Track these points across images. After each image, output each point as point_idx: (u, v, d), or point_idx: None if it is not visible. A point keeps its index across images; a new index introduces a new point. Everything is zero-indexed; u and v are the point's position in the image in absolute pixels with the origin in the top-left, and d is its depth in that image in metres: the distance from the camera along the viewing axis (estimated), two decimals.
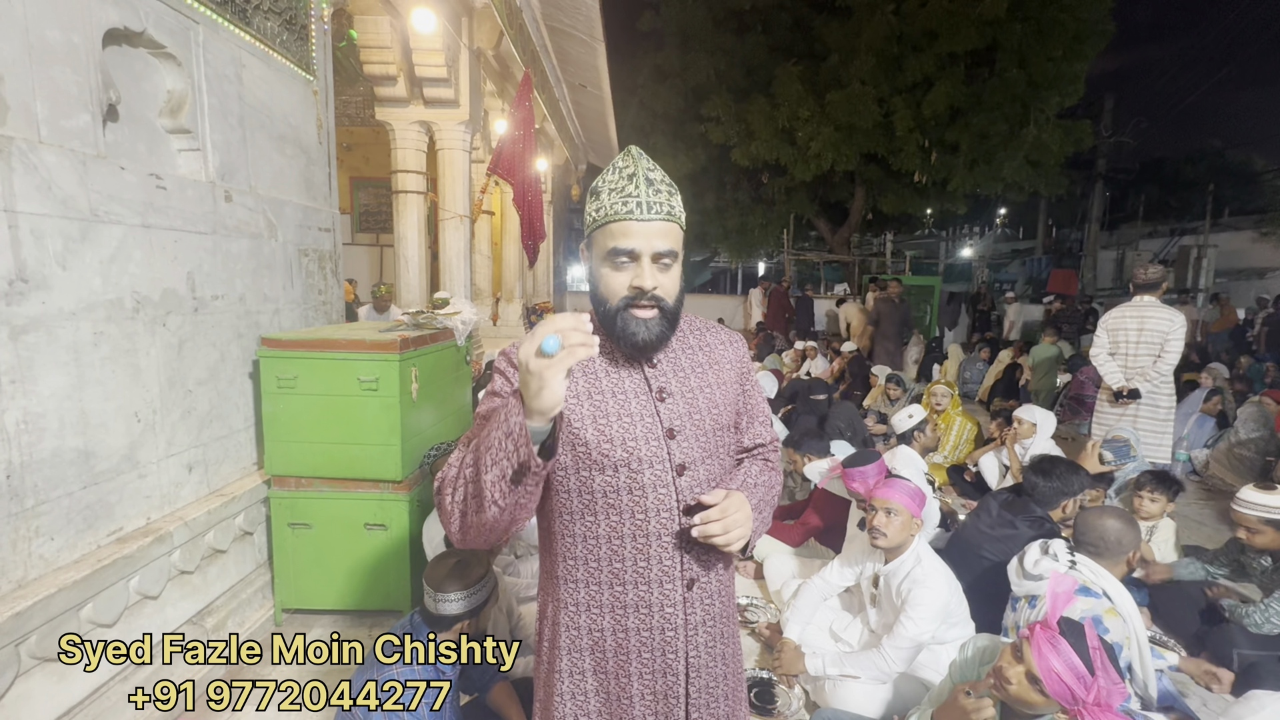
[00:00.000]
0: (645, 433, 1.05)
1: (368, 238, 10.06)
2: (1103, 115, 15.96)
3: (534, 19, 6.60)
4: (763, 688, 2.27)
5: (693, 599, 1.10)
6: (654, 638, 1.09)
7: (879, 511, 2.11)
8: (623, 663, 1.10)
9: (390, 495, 2.56)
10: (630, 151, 1.05)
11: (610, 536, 1.07)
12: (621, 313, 1.03)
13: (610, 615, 1.09)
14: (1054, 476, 2.57)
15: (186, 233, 2.24)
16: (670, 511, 1.06)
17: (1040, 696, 1.34)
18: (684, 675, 1.11)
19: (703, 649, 1.12)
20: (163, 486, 2.20)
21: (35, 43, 1.69)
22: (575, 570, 1.10)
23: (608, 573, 1.08)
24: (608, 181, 1.03)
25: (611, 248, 1.01)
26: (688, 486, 1.07)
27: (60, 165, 1.76)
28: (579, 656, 1.12)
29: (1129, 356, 3.92)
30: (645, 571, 1.07)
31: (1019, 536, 2.38)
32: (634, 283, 1.01)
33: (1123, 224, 21.54)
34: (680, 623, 1.09)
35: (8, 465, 1.66)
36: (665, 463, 1.06)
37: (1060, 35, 10.46)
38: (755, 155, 12.26)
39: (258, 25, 2.59)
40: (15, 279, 1.65)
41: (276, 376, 2.47)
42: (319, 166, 3.14)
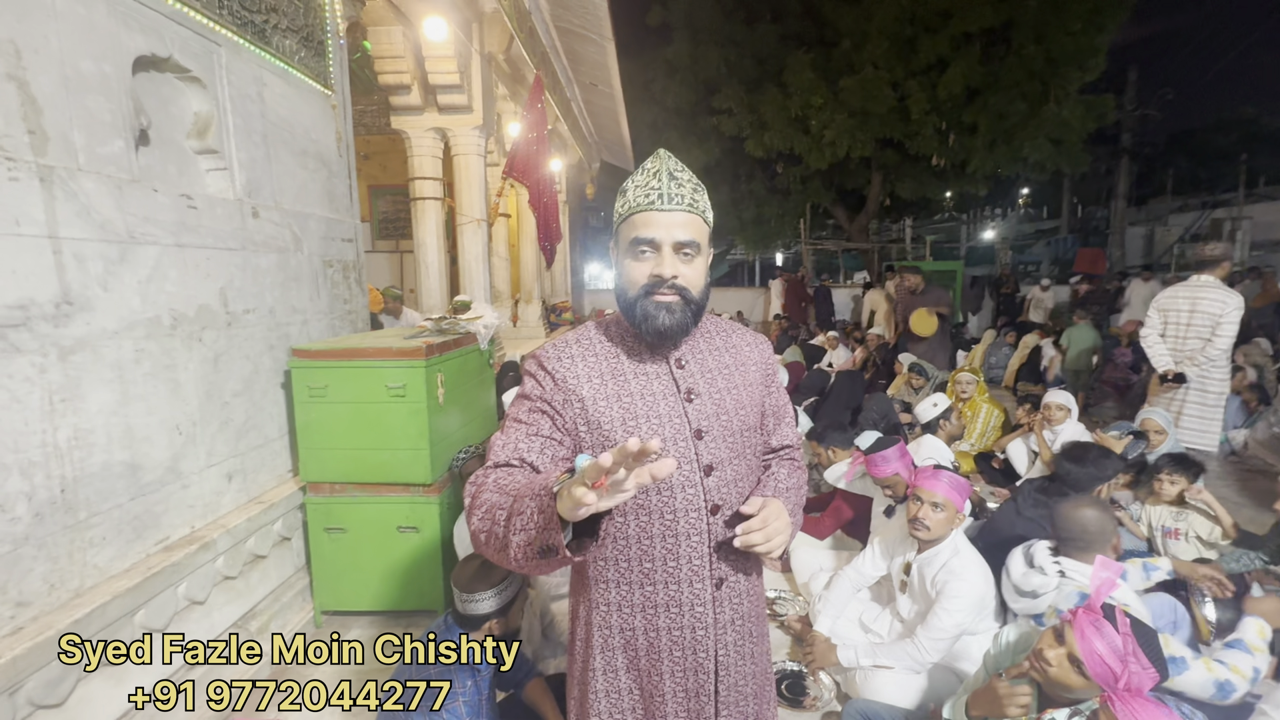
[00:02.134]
0: (674, 434, 1.06)
1: (388, 245, 10.20)
2: (1126, 88, 15.54)
3: (543, 21, 6.63)
4: (794, 680, 2.29)
5: (721, 598, 1.11)
6: (684, 636, 1.10)
7: (925, 504, 2.10)
8: (655, 661, 1.12)
9: (421, 498, 2.62)
10: (659, 153, 1.07)
11: (640, 536, 1.08)
12: (641, 300, 1.04)
13: (641, 615, 1.11)
14: (1087, 462, 2.54)
15: (217, 250, 2.32)
16: (699, 511, 1.07)
17: (1081, 679, 1.34)
18: (713, 673, 1.12)
19: (731, 647, 1.13)
20: (205, 496, 2.28)
21: (70, 74, 1.76)
22: (606, 570, 1.11)
23: (638, 572, 1.09)
24: (635, 180, 1.06)
25: (634, 238, 1.03)
26: (715, 486, 1.08)
27: (98, 190, 1.83)
28: (612, 655, 1.14)
29: (1178, 339, 3.82)
30: (675, 571, 1.08)
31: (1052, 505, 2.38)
32: (654, 271, 1.03)
33: (1151, 199, 20.97)
34: (710, 621, 1.11)
35: (61, 480, 1.74)
36: (693, 463, 1.07)
37: (1078, 8, 10.17)
38: (769, 145, 12.15)
39: (277, 44, 2.66)
40: (61, 302, 1.73)
41: (308, 386, 2.54)
42: (340, 178, 3.21)
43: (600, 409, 1.06)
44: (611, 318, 1.18)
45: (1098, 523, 2.02)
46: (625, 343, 1.13)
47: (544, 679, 2.05)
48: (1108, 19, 10.43)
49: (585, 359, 1.10)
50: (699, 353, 1.15)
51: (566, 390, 1.07)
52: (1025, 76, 10.59)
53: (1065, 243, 19.93)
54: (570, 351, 1.11)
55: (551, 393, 1.07)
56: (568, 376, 1.08)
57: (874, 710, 1.98)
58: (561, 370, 1.09)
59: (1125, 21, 10.79)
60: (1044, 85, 10.72)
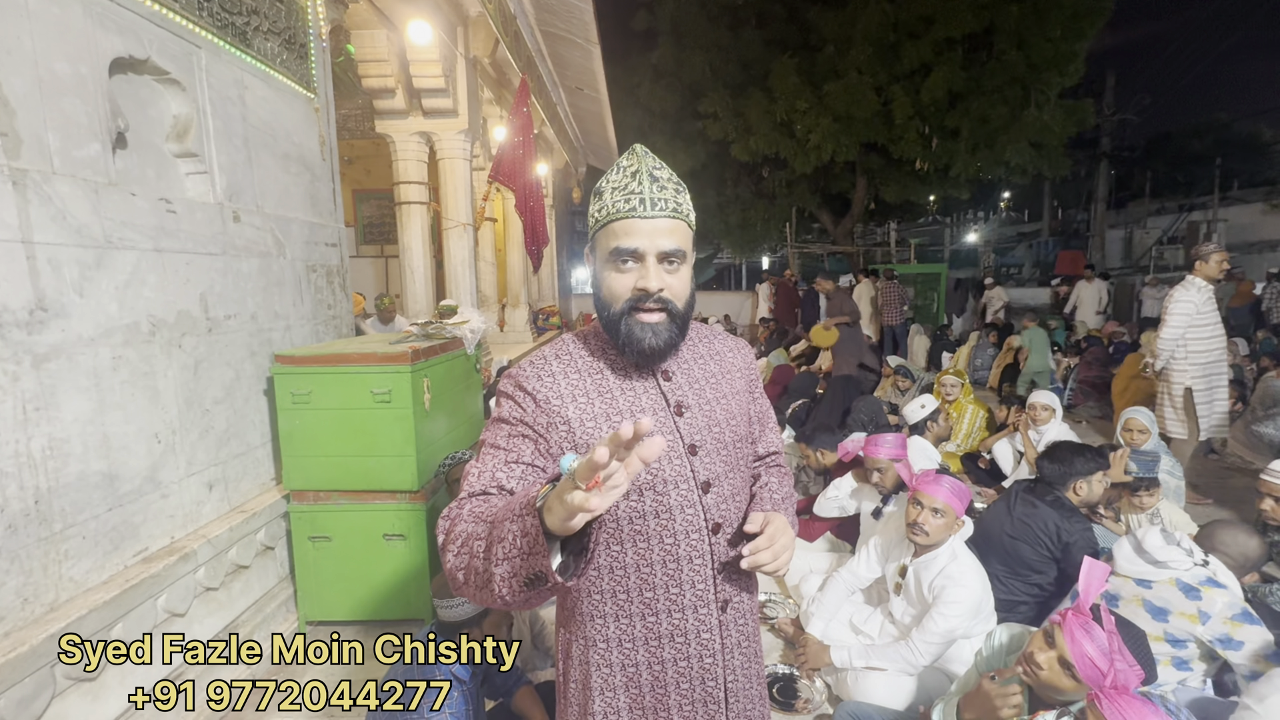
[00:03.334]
0: (668, 451, 0.99)
1: (372, 250, 10.12)
2: (1105, 93, 15.83)
3: (529, 25, 6.62)
4: (785, 683, 2.28)
5: (728, 620, 1.05)
6: (692, 666, 1.04)
7: (925, 509, 2.11)
8: (661, 696, 1.04)
9: (407, 505, 2.59)
10: (635, 150, 0.99)
11: (639, 565, 1.00)
12: (626, 317, 0.96)
13: (645, 648, 1.03)
14: (1056, 460, 2.63)
15: (198, 254, 2.27)
16: (700, 532, 1.01)
17: (1071, 681, 1.34)
18: (724, 701, 1.06)
19: (739, 671, 1.08)
20: (185, 505, 2.23)
21: (45, 75, 1.72)
22: (603, 605, 1.02)
23: (639, 603, 1.01)
24: (611, 180, 0.98)
25: (614, 248, 0.95)
26: (714, 504, 1.02)
27: (73, 194, 1.79)
28: (614, 695, 1.04)
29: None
30: (679, 598, 1.02)
31: (1039, 514, 2.43)
32: (638, 284, 0.95)
33: (1130, 202, 21.34)
34: (717, 648, 1.04)
35: (35, 491, 1.69)
36: (690, 481, 1.00)
37: (1058, 15, 10.38)
38: (754, 150, 12.24)
39: (258, 46, 2.62)
40: (35, 308, 1.68)
41: (291, 392, 2.50)
42: (323, 182, 3.17)
43: (589, 430, 0.98)
44: (591, 329, 1.09)
45: (1256, 554, 2.14)
46: (607, 356, 1.05)
47: (533, 687, 2.02)
48: (1087, 25, 10.65)
49: (568, 376, 1.02)
50: (684, 363, 1.08)
51: (550, 412, 0.98)
52: (1007, 81, 10.77)
53: (1046, 245, 20.24)
54: (550, 369, 1.02)
55: (534, 415, 0.98)
56: (550, 397, 0.99)
57: (865, 712, 1.98)
58: (543, 390, 0.99)
59: (1104, 28, 11.01)
60: (1025, 90, 10.91)
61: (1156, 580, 1.93)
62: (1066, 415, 5.80)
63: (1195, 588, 1.87)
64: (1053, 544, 2.37)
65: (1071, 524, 2.38)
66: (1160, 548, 1.94)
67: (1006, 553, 2.44)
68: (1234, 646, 1.83)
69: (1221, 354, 3.96)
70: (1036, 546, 2.40)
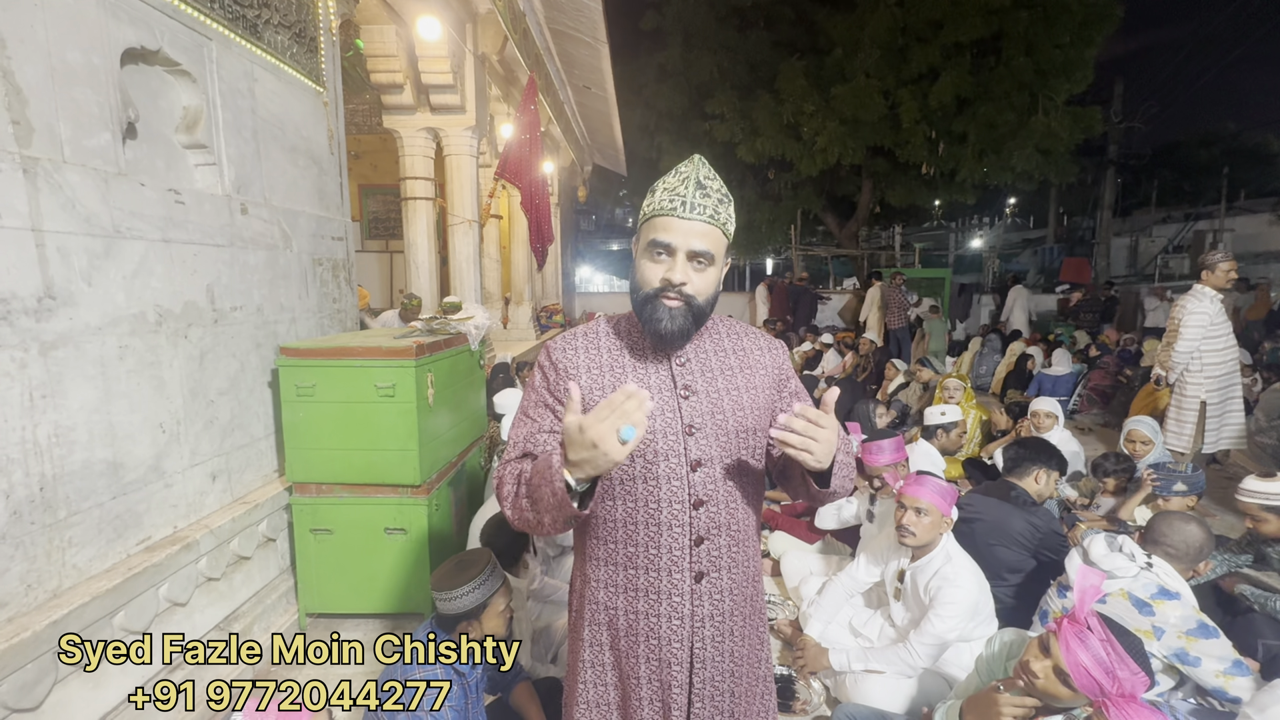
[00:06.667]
0: (665, 427, 1.09)
1: (378, 244, 10.14)
2: (1113, 101, 15.76)
3: (537, 23, 6.63)
4: (783, 684, 2.28)
5: (701, 591, 1.13)
6: (659, 625, 1.13)
7: (908, 510, 2.11)
8: (632, 643, 1.15)
9: (409, 500, 2.59)
10: (694, 159, 1.10)
11: (625, 521, 1.12)
12: (651, 300, 1.07)
13: (623, 595, 1.15)
14: (1027, 446, 2.76)
15: (205, 246, 2.28)
16: (681, 504, 1.10)
17: (1067, 690, 1.34)
18: (688, 666, 1.14)
19: (709, 643, 1.14)
20: (188, 495, 2.24)
21: (57, 65, 1.73)
22: (598, 549, 1.17)
23: (622, 554, 1.14)
24: (666, 182, 1.09)
25: (652, 239, 1.06)
26: (700, 482, 1.10)
27: (83, 184, 1.80)
28: (598, 630, 1.19)
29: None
30: (655, 559, 1.12)
31: (1006, 516, 2.51)
32: (665, 275, 1.05)
33: (1136, 210, 21.26)
34: (687, 613, 1.13)
35: (40, 478, 1.70)
36: (681, 457, 1.09)
37: (1067, 21, 10.33)
38: (760, 151, 12.21)
39: (268, 39, 2.63)
40: (44, 296, 1.69)
41: (295, 385, 2.51)
42: (330, 176, 3.18)
43: (594, 399, 1.10)
44: (624, 315, 1.22)
45: (1199, 542, 2.08)
46: (631, 339, 1.17)
47: (531, 683, 2.03)
48: (1095, 33, 10.60)
49: (588, 351, 1.16)
50: (703, 353, 1.17)
51: (566, 380, 1.12)
52: (1014, 87, 10.73)
53: (1051, 252, 20.14)
54: (575, 344, 1.17)
55: (555, 383, 1.13)
56: (569, 367, 1.13)
57: (863, 715, 1.98)
58: (565, 361, 1.14)
59: (1112, 36, 10.96)
60: (1033, 96, 10.87)
61: (1109, 593, 1.89)
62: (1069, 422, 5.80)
63: (1147, 602, 1.83)
64: (1027, 539, 2.44)
65: (1037, 515, 2.48)
66: (1104, 556, 1.92)
67: (984, 559, 2.44)
68: (1192, 662, 1.78)
69: (1235, 365, 3.90)
70: (1013, 547, 2.45)
